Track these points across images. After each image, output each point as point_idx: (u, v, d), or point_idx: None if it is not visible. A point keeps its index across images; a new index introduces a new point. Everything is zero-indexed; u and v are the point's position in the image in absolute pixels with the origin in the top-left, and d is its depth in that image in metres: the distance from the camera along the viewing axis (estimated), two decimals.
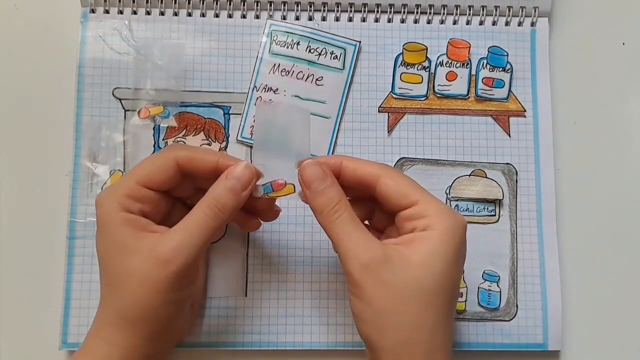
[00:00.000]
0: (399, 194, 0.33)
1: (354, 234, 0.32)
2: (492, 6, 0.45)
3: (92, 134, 0.43)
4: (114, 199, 0.33)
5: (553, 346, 0.42)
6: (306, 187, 0.34)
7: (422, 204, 0.33)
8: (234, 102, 0.44)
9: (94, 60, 0.43)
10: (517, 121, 0.45)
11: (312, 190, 0.33)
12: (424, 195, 0.33)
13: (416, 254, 0.32)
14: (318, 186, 0.33)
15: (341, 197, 0.33)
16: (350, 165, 0.34)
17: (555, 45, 0.46)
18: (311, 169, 0.34)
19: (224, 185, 0.34)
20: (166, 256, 0.32)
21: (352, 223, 0.33)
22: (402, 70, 0.45)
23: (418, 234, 0.32)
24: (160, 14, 0.44)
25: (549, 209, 0.44)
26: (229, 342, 0.41)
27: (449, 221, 0.32)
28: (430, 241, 0.32)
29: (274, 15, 0.45)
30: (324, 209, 0.33)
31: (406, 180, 0.34)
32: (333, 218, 0.33)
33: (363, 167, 0.34)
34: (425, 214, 0.33)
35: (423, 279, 0.31)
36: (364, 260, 0.31)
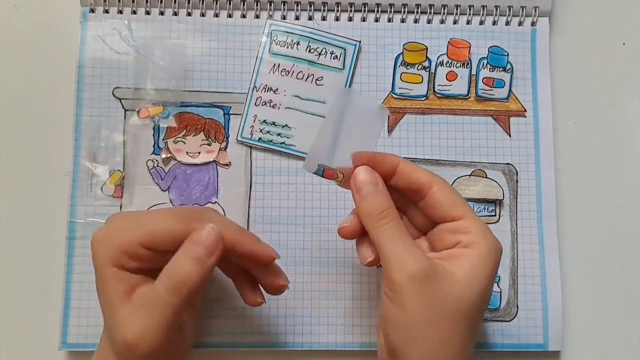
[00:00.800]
0: (449, 205, 0.33)
1: (401, 242, 0.32)
2: (493, 6, 0.45)
3: (92, 134, 0.43)
4: (109, 249, 0.32)
5: (553, 346, 0.42)
6: (357, 191, 0.34)
7: (468, 220, 0.33)
8: (234, 102, 0.44)
9: (93, 60, 0.43)
10: (518, 121, 0.44)
11: (362, 194, 0.33)
12: (470, 211, 0.34)
13: (460, 271, 0.32)
14: (368, 192, 0.33)
15: (390, 204, 0.33)
16: (406, 169, 0.34)
17: (556, 45, 0.46)
18: (363, 173, 0.34)
19: (185, 254, 0.32)
20: (132, 341, 0.31)
21: (399, 231, 0.33)
22: (402, 70, 0.45)
23: (461, 251, 0.33)
24: (159, 13, 0.44)
25: (550, 209, 0.44)
26: (229, 342, 0.41)
27: (490, 243, 0.33)
28: (473, 260, 0.32)
29: (274, 15, 0.45)
30: (372, 214, 0.33)
31: (456, 193, 0.34)
32: (381, 223, 0.33)
33: (418, 173, 0.34)
34: (470, 229, 0.33)
35: (463, 297, 0.31)
36: (411, 270, 0.31)
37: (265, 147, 0.43)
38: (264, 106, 0.43)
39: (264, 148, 0.43)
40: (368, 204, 0.33)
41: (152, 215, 0.34)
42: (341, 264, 0.42)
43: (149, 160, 0.43)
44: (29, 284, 0.42)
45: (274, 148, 0.43)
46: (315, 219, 0.43)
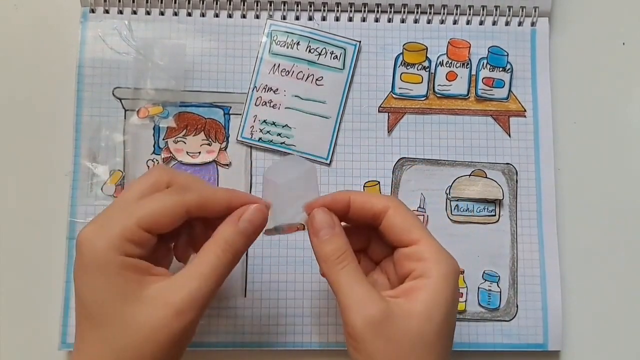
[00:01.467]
0: (403, 230, 0.33)
1: (358, 286, 0.32)
2: (492, 6, 0.45)
3: (92, 134, 0.43)
4: (108, 239, 0.30)
5: (553, 346, 0.42)
6: (314, 235, 0.33)
7: (422, 245, 0.33)
8: (234, 102, 0.44)
9: (93, 60, 0.43)
10: (517, 121, 0.45)
11: (320, 237, 0.33)
12: (425, 235, 0.33)
13: (416, 305, 0.31)
14: (325, 234, 0.33)
15: (347, 247, 0.33)
16: (359, 200, 0.34)
17: (555, 45, 0.46)
18: (320, 216, 0.33)
19: (236, 228, 0.32)
20: (182, 306, 0.29)
21: (356, 275, 0.32)
22: (402, 70, 0.45)
23: (416, 283, 0.32)
24: (160, 13, 0.44)
25: (549, 209, 0.44)
26: (229, 342, 0.41)
27: (445, 268, 0.32)
28: (429, 290, 0.31)
29: (274, 15, 0.45)
30: (330, 257, 0.33)
31: (411, 216, 0.34)
32: (337, 268, 0.32)
33: (372, 201, 0.34)
34: (423, 256, 0.32)
35: (424, 330, 0.31)
36: (367, 315, 0.31)
37: (266, 147, 0.43)
38: (264, 106, 0.43)
39: (264, 148, 0.43)
40: (325, 248, 0.33)
41: (143, 199, 0.32)
42: None
43: (149, 160, 0.43)
44: (29, 283, 0.42)
45: (274, 148, 0.43)
46: None
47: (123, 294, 0.30)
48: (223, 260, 0.31)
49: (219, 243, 0.32)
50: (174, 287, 0.30)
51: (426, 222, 0.43)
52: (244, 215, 0.33)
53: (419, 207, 0.43)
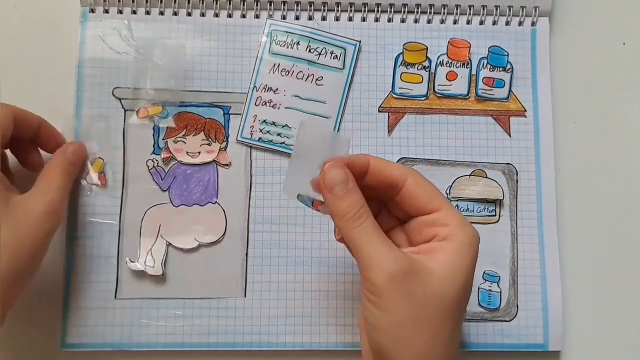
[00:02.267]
0: (425, 198, 0.33)
1: (378, 242, 0.31)
2: (493, 6, 0.45)
3: (92, 134, 0.43)
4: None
5: (553, 346, 0.42)
6: (327, 190, 0.33)
7: (445, 212, 0.33)
8: (234, 102, 0.44)
9: (93, 60, 0.43)
10: (518, 121, 0.44)
11: (334, 193, 0.32)
12: (447, 203, 0.33)
13: (438, 265, 0.31)
14: (340, 190, 0.32)
15: (363, 203, 0.32)
16: (378, 165, 0.34)
17: (556, 45, 0.46)
18: (334, 171, 0.33)
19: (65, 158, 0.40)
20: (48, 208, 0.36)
21: (375, 230, 0.32)
22: (402, 70, 0.45)
23: (439, 244, 0.32)
24: (159, 13, 0.44)
25: (550, 209, 0.44)
26: (229, 342, 0.41)
27: (468, 233, 0.32)
28: (452, 253, 0.32)
29: (274, 15, 0.45)
30: (346, 214, 0.32)
31: (431, 185, 0.34)
32: (356, 224, 0.32)
33: (391, 168, 0.34)
34: (447, 221, 0.32)
35: (445, 292, 0.31)
36: (390, 270, 0.30)
37: (265, 147, 0.43)
38: (264, 106, 0.43)
39: (264, 148, 0.43)
40: (341, 205, 0.32)
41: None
42: (341, 264, 0.42)
43: (149, 160, 0.43)
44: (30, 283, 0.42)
45: (274, 148, 0.43)
46: (315, 219, 0.43)
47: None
48: (64, 178, 0.39)
49: (57, 168, 0.39)
50: (38, 196, 0.37)
51: None
52: (69, 148, 0.41)
53: None
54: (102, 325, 0.41)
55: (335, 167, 0.33)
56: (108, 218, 0.42)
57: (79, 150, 0.41)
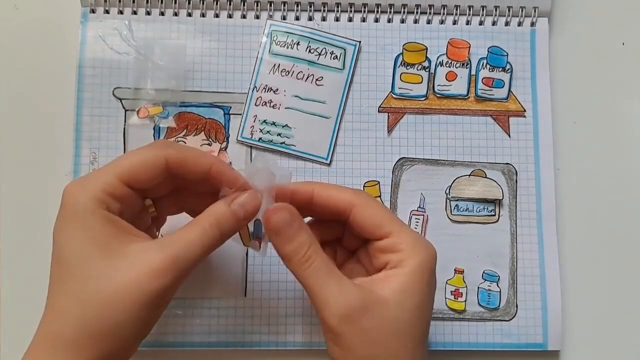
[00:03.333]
0: (373, 225, 0.33)
1: (328, 282, 0.31)
2: (492, 6, 0.45)
3: (92, 134, 0.43)
4: (91, 192, 0.29)
5: (553, 346, 0.42)
6: (274, 235, 0.32)
7: (395, 236, 0.32)
8: (234, 102, 0.44)
9: (94, 60, 0.43)
10: (517, 121, 0.45)
11: (281, 236, 0.32)
12: (398, 226, 0.33)
13: (391, 292, 0.31)
14: (285, 232, 0.32)
15: (312, 241, 0.32)
16: (323, 194, 0.33)
17: (555, 45, 0.46)
18: (276, 215, 0.32)
19: (228, 208, 0.31)
20: (161, 266, 0.28)
21: (325, 270, 0.31)
22: (402, 70, 0.45)
23: (391, 272, 0.32)
24: (160, 14, 0.44)
25: (549, 209, 0.44)
26: (229, 342, 0.41)
27: (420, 255, 0.32)
28: (403, 278, 0.31)
29: (274, 15, 0.45)
30: (295, 256, 0.32)
31: (380, 209, 0.33)
32: (305, 267, 0.31)
33: (336, 196, 0.33)
34: (398, 247, 0.32)
35: (400, 317, 0.31)
36: (342, 311, 0.30)
37: (266, 147, 0.43)
38: (264, 106, 0.44)
39: (264, 148, 0.43)
40: (287, 247, 0.32)
41: (122, 157, 0.32)
42: None
43: None
44: (30, 284, 0.42)
45: (274, 148, 0.43)
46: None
47: (102, 247, 0.29)
48: (209, 234, 0.31)
49: (209, 217, 0.31)
50: (155, 247, 0.29)
51: (426, 222, 0.43)
52: (238, 198, 0.32)
53: (419, 207, 0.43)
54: None
55: (277, 211, 0.32)
56: None
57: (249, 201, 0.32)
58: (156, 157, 0.31)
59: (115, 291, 0.28)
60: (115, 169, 0.31)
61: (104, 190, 0.30)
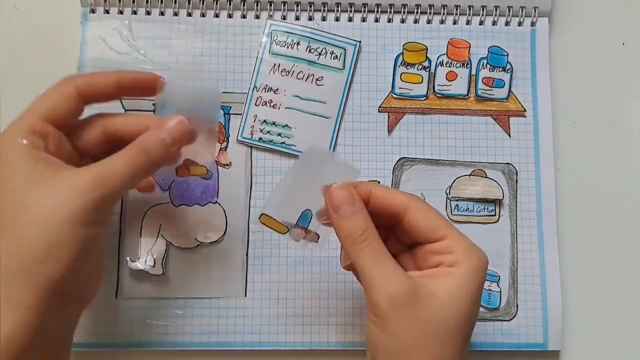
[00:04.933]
0: (428, 227, 0.33)
1: (382, 264, 0.31)
2: (492, 6, 0.45)
3: None
4: (13, 134, 0.31)
5: (553, 346, 0.42)
6: (334, 210, 0.32)
7: (450, 239, 0.32)
8: (234, 102, 0.44)
9: (94, 60, 0.43)
10: (517, 121, 0.45)
11: (341, 214, 0.32)
12: (452, 230, 0.33)
13: (442, 290, 0.31)
14: (347, 210, 0.32)
15: (370, 225, 0.32)
16: (380, 194, 0.33)
17: (555, 45, 0.46)
18: (340, 192, 0.33)
19: (156, 135, 0.33)
20: (85, 183, 0.29)
21: (380, 253, 0.32)
22: (402, 70, 0.45)
23: (444, 270, 0.32)
24: (160, 14, 0.44)
25: (549, 208, 0.44)
26: (229, 342, 0.41)
27: (474, 260, 0.32)
28: (457, 279, 0.31)
29: (274, 15, 0.45)
30: (351, 235, 0.32)
31: (435, 213, 0.33)
32: (361, 246, 0.32)
33: (393, 197, 0.33)
34: (452, 249, 0.32)
35: (448, 317, 0.31)
36: (392, 292, 0.30)
37: (266, 147, 0.43)
38: (264, 106, 0.44)
39: (264, 148, 0.43)
40: (346, 225, 0.32)
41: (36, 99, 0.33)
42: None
43: None
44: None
45: (274, 148, 0.43)
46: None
47: (29, 180, 0.29)
48: (136, 157, 0.32)
49: (137, 143, 0.32)
50: (79, 171, 0.30)
51: None
52: (165, 124, 0.33)
53: None
54: (103, 324, 0.41)
55: (341, 188, 0.33)
56: None
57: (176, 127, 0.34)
58: (66, 88, 0.33)
59: (44, 213, 0.29)
60: (32, 109, 0.32)
61: (25, 129, 0.31)
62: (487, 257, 0.33)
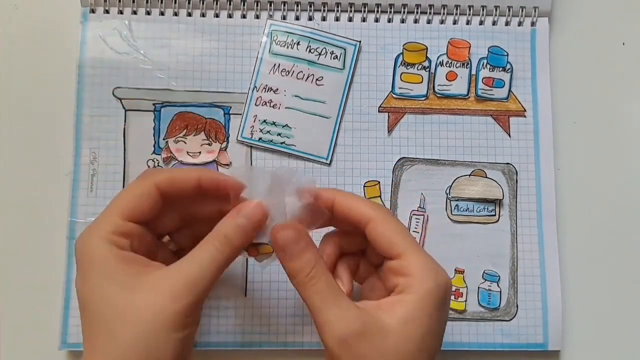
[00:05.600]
0: (387, 243, 0.32)
1: (330, 304, 0.31)
2: (492, 6, 0.45)
3: (92, 134, 0.43)
4: (99, 237, 0.31)
5: (553, 346, 0.42)
6: (280, 250, 0.32)
7: (407, 258, 0.32)
8: (234, 102, 0.44)
9: (94, 60, 0.43)
10: (517, 121, 0.45)
11: (287, 253, 0.32)
12: (411, 247, 0.32)
13: (394, 320, 0.30)
14: (293, 250, 0.32)
15: (317, 261, 0.32)
16: (344, 203, 0.33)
17: (555, 45, 0.46)
18: (284, 232, 0.32)
19: (234, 222, 0.32)
20: (179, 289, 0.29)
21: (328, 290, 0.31)
22: (402, 70, 0.45)
23: (396, 298, 0.31)
24: (160, 14, 0.44)
25: (549, 208, 0.44)
26: (229, 342, 0.41)
27: (429, 282, 0.31)
28: (408, 306, 0.31)
29: (274, 15, 0.45)
30: (299, 274, 0.32)
31: (395, 227, 0.33)
32: (308, 286, 0.31)
33: (356, 207, 0.33)
34: (408, 271, 0.31)
35: (401, 347, 0.30)
36: (341, 334, 0.30)
37: (266, 147, 0.43)
38: (264, 106, 0.44)
39: (264, 148, 0.43)
40: (293, 264, 0.32)
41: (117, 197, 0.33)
42: None
43: (150, 160, 0.43)
44: (30, 283, 0.42)
45: (274, 148, 0.43)
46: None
47: (122, 286, 0.30)
48: (221, 252, 0.31)
49: (217, 235, 0.32)
50: (170, 273, 0.30)
51: (426, 222, 0.43)
52: (242, 210, 0.32)
53: (419, 207, 0.43)
54: None
55: (285, 228, 0.32)
56: None
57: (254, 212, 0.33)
58: (146, 186, 0.32)
59: (140, 320, 0.29)
60: (114, 209, 0.32)
61: (109, 231, 0.31)
62: (447, 279, 0.32)
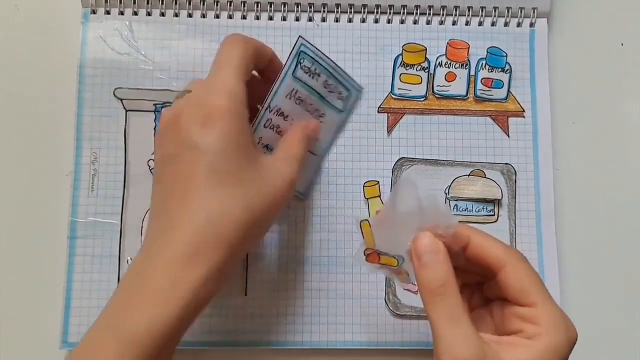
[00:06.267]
0: (520, 291, 0.31)
1: (454, 323, 0.30)
2: (491, 7, 0.45)
3: (93, 134, 0.43)
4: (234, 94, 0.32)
5: None
6: (416, 258, 0.32)
7: (539, 308, 0.31)
8: None
9: (94, 61, 0.43)
10: (516, 121, 0.45)
11: (422, 262, 0.31)
12: (544, 297, 0.31)
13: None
14: (429, 259, 0.31)
15: (449, 278, 0.31)
16: (479, 243, 0.33)
17: (554, 46, 0.46)
18: (425, 239, 0.32)
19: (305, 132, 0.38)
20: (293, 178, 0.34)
21: (455, 309, 0.30)
22: (402, 71, 0.45)
23: (521, 341, 0.30)
24: (161, 14, 0.44)
25: (548, 209, 0.44)
26: (229, 341, 0.42)
27: (558, 337, 0.30)
28: (533, 352, 0.30)
29: (274, 16, 0.45)
30: (429, 285, 0.31)
31: (531, 274, 0.32)
32: (437, 299, 0.31)
33: (490, 249, 0.32)
34: (538, 320, 0.30)
35: None
36: (460, 355, 0.29)
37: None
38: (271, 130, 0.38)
39: None
40: (425, 274, 0.31)
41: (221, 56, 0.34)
42: (341, 264, 0.42)
43: (150, 160, 0.43)
44: (30, 283, 0.42)
45: None
46: (316, 218, 0.43)
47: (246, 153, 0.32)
48: (303, 152, 0.37)
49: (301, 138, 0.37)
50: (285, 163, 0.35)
51: None
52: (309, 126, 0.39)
53: None
54: None
55: (427, 236, 0.32)
56: (109, 218, 0.42)
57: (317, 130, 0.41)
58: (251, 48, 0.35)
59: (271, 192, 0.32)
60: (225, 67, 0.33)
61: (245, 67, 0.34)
62: (576, 334, 0.31)
